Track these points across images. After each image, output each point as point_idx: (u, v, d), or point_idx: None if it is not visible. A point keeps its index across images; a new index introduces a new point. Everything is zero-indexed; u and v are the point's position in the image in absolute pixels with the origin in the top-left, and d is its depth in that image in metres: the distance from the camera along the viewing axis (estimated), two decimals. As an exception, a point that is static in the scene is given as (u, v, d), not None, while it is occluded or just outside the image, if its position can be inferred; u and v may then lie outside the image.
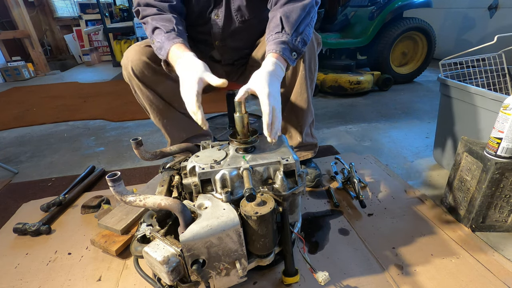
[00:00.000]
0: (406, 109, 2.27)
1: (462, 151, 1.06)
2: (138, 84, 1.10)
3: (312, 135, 1.31)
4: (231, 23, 1.09)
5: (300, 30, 0.88)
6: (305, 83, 1.11)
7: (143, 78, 1.08)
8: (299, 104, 1.16)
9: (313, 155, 1.33)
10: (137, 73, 1.07)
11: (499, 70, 1.36)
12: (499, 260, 0.90)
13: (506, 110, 0.86)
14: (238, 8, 1.05)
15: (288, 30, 0.86)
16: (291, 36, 0.86)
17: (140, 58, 1.06)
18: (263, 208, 0.70)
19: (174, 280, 0.67)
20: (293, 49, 0.87)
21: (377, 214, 1.13)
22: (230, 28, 1.10)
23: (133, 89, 1.14)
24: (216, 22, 1.08)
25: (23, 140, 2.07)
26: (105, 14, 4.85)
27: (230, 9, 1.05)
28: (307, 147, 1.31)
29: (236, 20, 1.08)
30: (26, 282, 0.92)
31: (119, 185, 0.66)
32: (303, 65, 1.07)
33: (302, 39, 0.89)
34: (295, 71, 1.09)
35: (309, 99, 1.16)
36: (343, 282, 0.85)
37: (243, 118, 0.81)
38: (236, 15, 1.07)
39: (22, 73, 4.06)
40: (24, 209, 1.28)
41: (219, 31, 1.10)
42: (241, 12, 1.06)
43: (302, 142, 1.25)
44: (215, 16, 1.07)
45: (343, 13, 3.05)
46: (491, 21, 3.21)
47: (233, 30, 1.11)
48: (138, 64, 1.06)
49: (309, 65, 1.09)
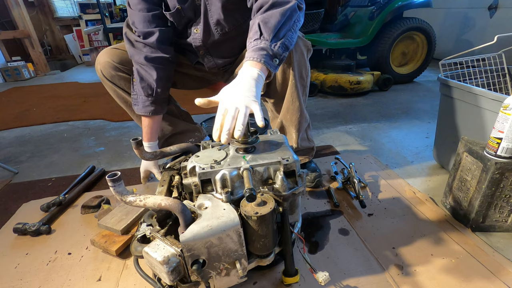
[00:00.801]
0: (406, 109, 2.27)
1: (462, 151, 1.06)
2: (110, 85, 1.18)
3: (308, 139, 1.30)
4: (210, 36, 1.10)
5: (280, 36, 0.84)
6: (296, 91, 1.10)
7: (112, 79, 1.16)
8: (292, 112, 1.15)
9: (309, 159, 1.33)
10: (105, 75, 1.15)
11: (499, 70, 1.36)
12: (499, 260, 0.90)
13: (506, 110, 0.86)
14: (217, 22, 1.05)
15: (267, 36, 0.82)
16: (270, 41, 0.82)
17: (107, 61, 1.13)
18: (263, 208, 0.70)
19: (174, 280, 0.67)
20: (273, 55, 0.82)
21: (377, 214, 1.13)
22: (210, 40, 1.11)
23: (108, 90, 1.22)
24: (196, 37, 1.11)
25: (23, 140, 2.07)
26: (105, 14, 4.85)
27: (208, 24, 1.06)
28: (303, 151, 1.30)
29: (216, 33, 1.09)
30: (26, 282, 0.92)
31: (119, 185, 0.66)
32: (293, 73, 1.05)
33: (283, 44, 0.84)
34: (285, 80, 1.07)
35: (301, 107, 1.14)
36: (343, 282, 0.85)
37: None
38: (216, 29, 1.08)
39: (22, 73, 4.06)
40: (24, 209, 1.28)
41: (200, 43, 1.12)
42: (220, 26, 1.07)
43: (297, 147, 1.24)
44: (195, 30, 1.09)
45: (343, 13, 3.05)
46: (491, 21, 3.21)
47: (214, 42, 1.12)
48: (105, 66, 1.14)
49: (299, 72, 1.08)
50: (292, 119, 1.16)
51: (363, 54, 3.14)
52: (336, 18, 3.03)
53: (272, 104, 1.20)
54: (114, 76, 1.15)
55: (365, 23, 2.73)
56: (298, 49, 1.03)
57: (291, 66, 1.04)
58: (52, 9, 5.36)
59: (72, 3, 5.48)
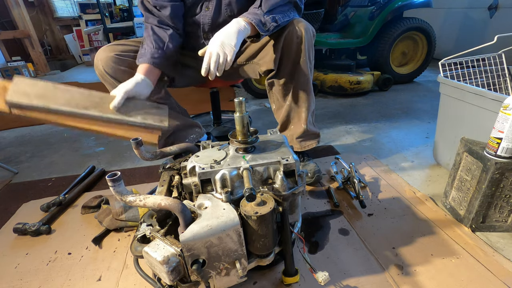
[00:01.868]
0: (406, 109, 2.27)
1: (462, 151, 1.06)
2: (111, 81, 1.17)
3: (314, 125, 1.33)
4: (219, 16, 1.18)
5: (273, 13, 1.04)
6: (307, 69, 1.15)
7: (114, 73, 1.16)
8: (302, 90, 1.19)
9: (317, 144, 1.35)
10: (107, 70, 1.15)
11: (499, 70, 1.36)
12: (499, 260, 0.90)
13: (506, 110, 0.86)
14: (228, 3, 1.15)
15: (264, 8, 1.02)
16: (264, 13, 1.01)
17: (108, 55, 1.14)
18: (263, 208, 0.70)
19: (174, 280, 0.67)
20: (263, 23, 1.01)
21: (377, 214, 1.13)
22: (218, 20, 1.19)
23: (108, 88, 1.20)
24: (206, 14, 1.18)
25: (23, 140, 2.07)
26: (105, 14, 4.85)
27: (220, 3, 1.16)
28: (311, 136, 1.32)
29: (225, 13, 1.17)
30: (26, 282, 0.92)
31: (119, 185, 0.66)
32: (304, 51, 1.10)
33: (274, 18, 1.03)
34: (297, 57, 1.12)
35: (310, 86, 1.20)
36: (343, 282, 0.85)
37: (243, 118, 0.81)
38: (226, 9, 1.17)
39: (22, 73, 4.06)
40: (24, 209, 1.28)
41: (208, 21, 1.19)
42: (230, 7, 1.16)
43: (306, 129, 1.27)
44: (206, 8, 1.17)
45: (343, 13, 3.05)
46: (491, 21, 3.21)
47: (220, 23, 1.18)
48: (106, 60, 1.14)
49: (309, 53, 1.13)
50: (303, 98, 1.21)
51: (363, 54, 3.14)
52: (336, 18, 3.02)
53: (282, 86, 1.21)
54: (116, 70, 1.15)
55: (365, 23, 2.73)
56: (308, 32, 1.10)
57: (302, 44, 1.09)
58: (52, 9, 5.35)
59: (72, 3, 5.48)
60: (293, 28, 1.08)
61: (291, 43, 1.09)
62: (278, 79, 1.20)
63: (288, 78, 1.17)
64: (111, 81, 1.17)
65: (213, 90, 1.76)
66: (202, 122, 2.06)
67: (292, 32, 1.08)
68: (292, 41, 1.08)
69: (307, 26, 1.10)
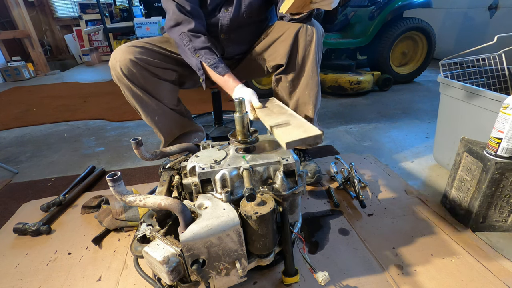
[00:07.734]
0: (406, 109, 2.27)
1: (462, 151, 1.06)
2: (127, 84, 1.14)
3: (318, 123, 1.32)
4: (238, 18, 1.18)
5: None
6: (316, 67, 1.16)
7: (131, 76, 1.13)
8: (311, 87, 1.19)
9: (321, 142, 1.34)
10: (125, 72, 1.12)
11: (499, 70, 1.36)
12: (499, 260, 0.90)
13: (506, 110, 0.86)
14: (248, 4, 1.16)
15: None
16: None
17: (128, 58, 1.11)
18: (263, 208, 0.70)
19: (174, 280, 0.67)
20: None
21: (377, 214, 1.13)
22: (236, 21, 1.19)
23: (122, 89, 1.18)
24: (225, 15, 1.18)
25: (23, 140, 2.07)
26: (105, 14, 4.85)
27: (240, 5, 1.16)
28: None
29: (244, 15, 1.18)
30: (26, 282, 0.92)
31: (119, 185, 0.66)
32: (314, 48, 1.11)
33: None
34: (307, 54, 1.13)
35: (319, 83, 1.21)
36: (343, 282, 0.85)
37: (243, 118, 0.81)
38: (245, 10, 1.17)
39: (22, 73, 4.06)
40: (24, 209, 1.28)
41: (227, 23, 1.19)
42: (250, 9, 1.17)
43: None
44: (225, 10, 1.17)
45: (343, 13, 3.05)
46: (491, 21, 3.21)
47: (239, 24, 1.20)
48: (126, 63, 1.11)
49: (318, 51, 1.14)
50: (311, 94, 1.20)
51: (363, 54, 3.14)
52: (336, 18, 3.02)
53: (289, 82, 1.20)
54: (134, 74, 1.12)
55: (365, 23, 2.73)
56: (318, 31, 1.12)
57: (312, 42, 1.10)
58: (52, 9, 5.36)
59: (72, 3, 5.49)
60: (305, 26, 1.10)
61: (302, 40, 1.10)
62: (286, 75, 1.19)
63: (296, 74, 1.18)
64: (127, 84, 1.14)
65: (214, 91, 1.76)
66: (204, 123, 2.07)
67: (303, 30, 1.09)
68: (303, 38, 1.10)
69: (318, 25, 1.12)
